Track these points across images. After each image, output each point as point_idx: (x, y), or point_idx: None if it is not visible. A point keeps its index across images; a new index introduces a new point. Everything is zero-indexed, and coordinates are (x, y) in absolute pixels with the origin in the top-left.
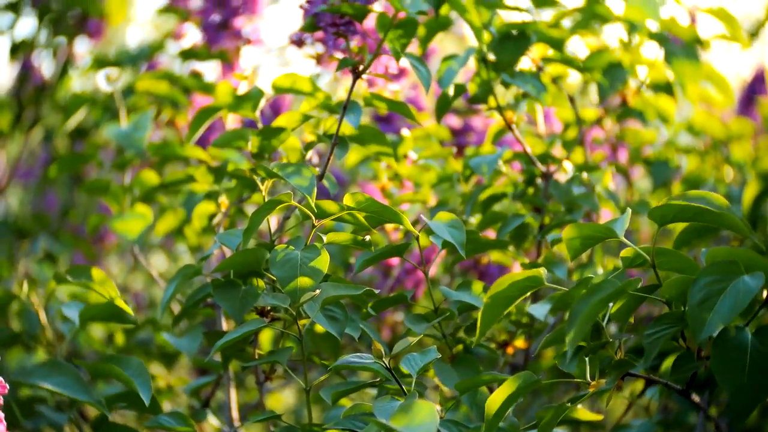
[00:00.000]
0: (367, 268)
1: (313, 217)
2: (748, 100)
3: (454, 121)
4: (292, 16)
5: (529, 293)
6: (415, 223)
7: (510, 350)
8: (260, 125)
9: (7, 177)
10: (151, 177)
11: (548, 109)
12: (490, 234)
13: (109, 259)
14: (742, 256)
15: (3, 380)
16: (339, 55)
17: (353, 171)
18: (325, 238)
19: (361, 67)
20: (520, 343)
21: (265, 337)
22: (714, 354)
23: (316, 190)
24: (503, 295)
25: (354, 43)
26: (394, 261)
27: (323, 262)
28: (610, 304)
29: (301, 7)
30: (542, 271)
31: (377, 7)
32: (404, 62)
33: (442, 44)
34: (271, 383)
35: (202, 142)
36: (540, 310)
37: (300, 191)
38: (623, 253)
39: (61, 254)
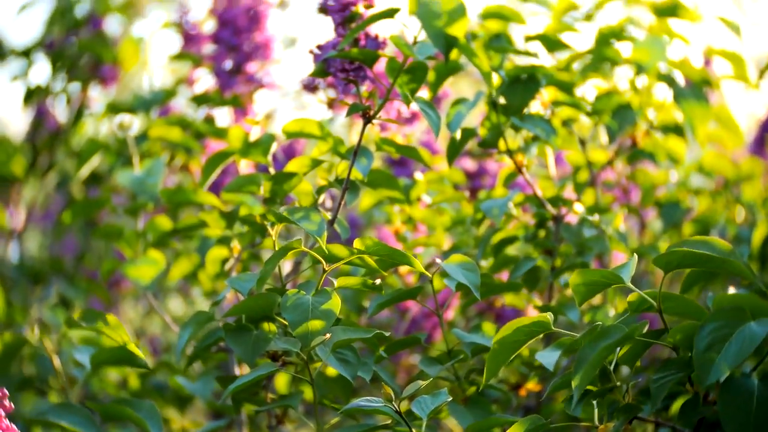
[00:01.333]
0: (384, 311)
1: (324, 262)
2: (762, 140)
3: (468, 164)
4: (309, 61)
5: (538, 337)
6: (429, 266)
7: (523, 392)
8: (272, 170)
9: (23, 222)
10: (164, 222)
11: (560, 152)
12: (503, 276)
13: (125, 304)
14: (749, 302)
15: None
16: (349, 100)
17: (369, 214)
18: (336, 282)
19: (371, 112)
20: (532, 385)
21: (282, 381)
22: (721, 400)
23: (326, 234)
24: (510, 340)
25: (364, 88)
26: (411, 303)
27: (335, 305)
28: (618, 348)
29: (311, 52)
30: (548, 316)
31: (387, 52)
32: (415, 106)
33: (459, 87)
34: (284, 426)
35: (217, 187)
36: (548, 358)
37: (311, 235)
38: (630, 297)
39: (77, 299)
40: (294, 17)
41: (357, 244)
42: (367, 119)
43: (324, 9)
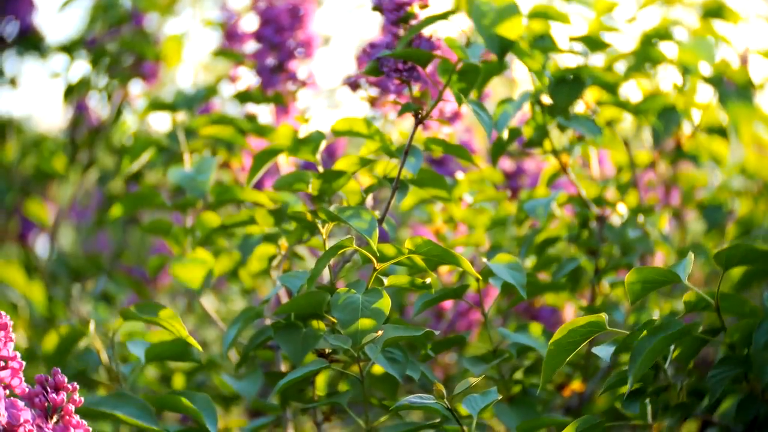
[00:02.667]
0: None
1: (375, 261)
2: None
3: (506, 164)
4: (342, 58)
5: (593, 337)
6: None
7: (566, 392)
8: (320, 168)
9: (59, 218)
10: (212, 219)
11: (601, 153)
12: (544, 276)
13: (161, 300)
14: None
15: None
16: (399, 99)
17: (404, 213)
18: (385, 281)
19: (423, 112)
20: (576, 385)
21: (320, 380)
22: None
23: (377, 233)
24: (565, 342)
25: (416, 88)
26: (448, 303)
27: (385, 304)
28: (672, 347)
29: (364, 51)
30: (603, 317)
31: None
32: (461, 106)
33: (492, 86)
34: (329, 423)
35: (257, 184)
36: (604, 351)
37: (362, 234)
38: (686, 297)
39: (118, 294)
40: (327, 15)
41: (407, 243)
42: (419, 119)
43: (379, 8)
